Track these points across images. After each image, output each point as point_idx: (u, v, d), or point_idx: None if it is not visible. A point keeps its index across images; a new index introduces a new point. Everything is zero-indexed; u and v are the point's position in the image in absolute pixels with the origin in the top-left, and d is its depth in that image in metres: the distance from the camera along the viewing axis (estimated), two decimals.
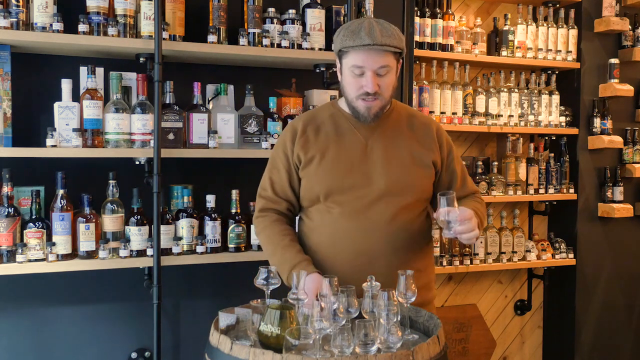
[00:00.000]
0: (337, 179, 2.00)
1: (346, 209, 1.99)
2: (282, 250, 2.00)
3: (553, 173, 3.67)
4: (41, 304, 2.64)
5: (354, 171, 2.01)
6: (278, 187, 2.09)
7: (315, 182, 2.02)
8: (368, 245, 1.97)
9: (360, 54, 1.91)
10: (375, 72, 1.93)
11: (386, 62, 1.93)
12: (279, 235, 2.04)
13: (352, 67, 1.94)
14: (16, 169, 2.41)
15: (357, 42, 1.90)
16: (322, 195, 2.01)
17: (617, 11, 3.71)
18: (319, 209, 2.04)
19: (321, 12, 2.81)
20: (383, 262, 1.97)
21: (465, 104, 3.47)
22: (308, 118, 2.12)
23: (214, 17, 2.65)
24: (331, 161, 2.02)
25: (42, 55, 2.60)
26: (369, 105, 1.97)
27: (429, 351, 1.56)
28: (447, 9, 3.46)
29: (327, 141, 2.05)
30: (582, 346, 3.78)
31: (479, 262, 3.49)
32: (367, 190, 2.00)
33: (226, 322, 1.74)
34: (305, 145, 2.05)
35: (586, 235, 3.78)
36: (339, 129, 2.07)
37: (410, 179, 2.03)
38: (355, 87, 1.96)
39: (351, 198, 1.99)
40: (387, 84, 1.97)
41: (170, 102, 2.58)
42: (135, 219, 2.51)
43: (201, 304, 2.88)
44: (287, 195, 2.09)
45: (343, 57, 1.97)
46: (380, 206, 1.99)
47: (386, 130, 2.07)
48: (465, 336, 3.72)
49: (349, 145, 2.04)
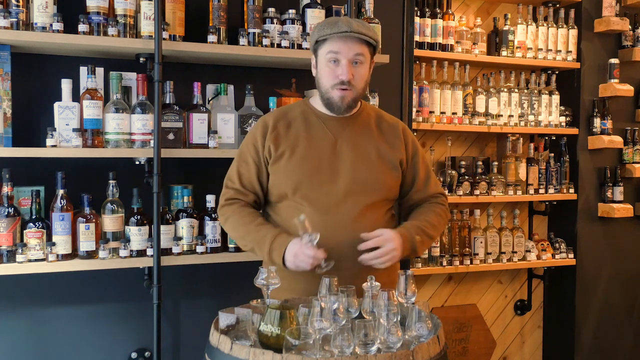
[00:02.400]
0: (306, 175, 2.04)
1: (315, 206, 2.03)
2: (257, 227, 2.04)
3: (553, 173, 3.67)
4: (41, 304, 2.64)
5: (323, 168, 2.05)
6: (246, 180, 2.13)
7: (285, 178, 2.06)
8: (335, 241, 1.99)
9: (337, 41, 2.00)
10: (351, 62, 2.00)
11: (362, 50, 2.02)
12: (250, 216, 2.09)
13: (328, 54, 2.01)
14: (16, 169, 2.41)
15: (334, 29, 1.99)
16: (291, 190, 2.05)
17: (617, 11, 3.71)
18: (287, 204, 2.08)
19: (321, 12, 2.81)
20: (350, 258, 1.99)
21: (465, 104, 3.47)
22: (279, 114, 2.17)
23: (214, 17, 2.65)
24: (301, 157, 2.06)
25: (42, 55, 2.60)
26: (343, 95, 2.03)
27: (429, 351, 1.56)
28: (447, 9, 3.46)
29: (298, 137, 2.09)
30: (582, 346, 3.78)
31: (479, 262, 3.49)
32: (335, 187, 2.04)
33: (226, 322, 1.74)
34: (277, 140, 2.09)
35: (586, 235, 3.78)
36: (309, 126, 2.11)
37: (377, 177, 2.08)
38: (331, 76, 2.02)
39: (319, 195, 2.03)
40: (361, 75, 2.04)
41: (170, 102, 2.58)
42: (135, 219, 2.51)
43: (201, 304, 2.88)
44: (255, 188, 2.13)
45: (319, 47, 2.05)
46: (347, 203, 2.03)
47: (355, 129, 2.11)
48: (465, 336, 3.72)
49: (319, 142, 2.08)
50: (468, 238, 3.52)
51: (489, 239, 3.54)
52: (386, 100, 3.03)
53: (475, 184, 3.47)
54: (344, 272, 1.92)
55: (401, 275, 1.75)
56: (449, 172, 3.43)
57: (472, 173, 3.54)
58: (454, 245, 3.47)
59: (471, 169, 3.57)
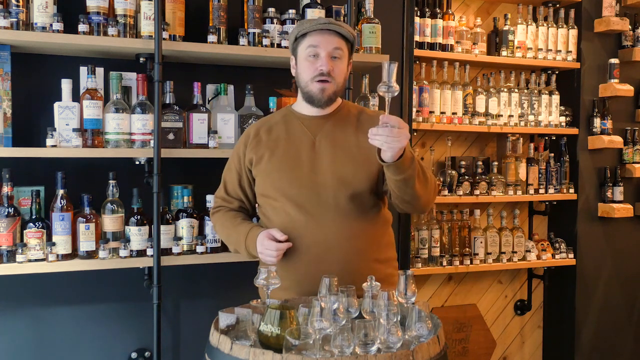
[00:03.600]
0: (285, 173, 2.08)
1: (296, 201, 2.06)
2: (236, 228, 2.13)
3: (553, 173, 3.67)
4: (41, 304, 2.64)
5: (302, 165, 2.08)
6: (230, 187, 2.23)
7: (265, 178, 2.12)
8: (321, 235, 2.02)
9: (316, 36, 2.05)
10: (330, 55, 2.05)
11: (340, 45, 2.07)
12: (231, 219, 2.19)
13: (308, 49, 2.06)
14: (16, 169, 2.41)
15: (313, 24, 2.06)
16: (272, 189, 2.10)
17: (617, 11, 3.71)
18: (271, 204, 2.12)
19: (321, 12, 2.81)
20: (338, 251, 2.02)
21: (465, 104, 3.47)
22: (262, 122, 2.26)
23: (214, 17, 2.65)
24: (280, 157, 2.11)
25: (42, 55, 2.60)
26: (323, 87, 2.06)
27: (429, 351, 1.56)
28: (447, 9, 3.46)
29: (278, 140, 2.14)
30: (582, 346, 3.78)
31: (479, 262, 3.49)
32: (315, 182, 2.06)
33: (226, 322, 1.74)
34: (257, 146, 2.16)
35: (586, 235, 3.78)
36: (289, 127, 2.16)
37: (357, 169, 2.08)
38: (311, 70, 2.06)
39: (300, 191, 2.06)
40: (341, 69, 2.09)
41: (170, 102, 2.58)
42: (135, 219, 2.51)
43: (201, 304, 2.88)
44: (238, 195, 2.22)
45: (299, 44, 2.09)
46: (329, 197, 2.05)
47: (335, 126, 2.14)
48: (465, 336, 3.72)
49: (298, 142, 2.12)
50: (468, 238, 3.52)
51: (489, 239, 3.54)
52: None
53: (475, 184, 3.47)
54: (330, 266, 1.96)
55: (401, 275, 1.75)
56: (449, 172, 3.43)
57: (472, 173, 3.54)
58: (454, 245, 3.47)
59: (471, 169, 3.57)
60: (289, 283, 2.02)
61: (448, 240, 3.47)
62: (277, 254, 1.99)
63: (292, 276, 2.03)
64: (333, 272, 1.82)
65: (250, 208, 2.26)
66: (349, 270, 1.95)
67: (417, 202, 2.02)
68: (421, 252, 3.37)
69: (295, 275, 2.03)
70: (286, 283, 2.00)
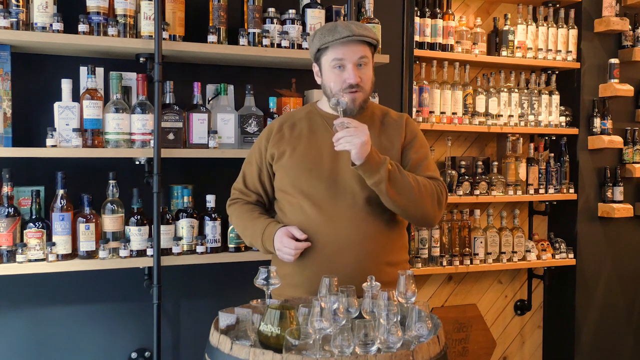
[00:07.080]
0: (304, 171, 2.08)
1: (313, 200, 2.05)
2: (252, 222, 2.13)
3: (553, 173, 3.67)
4: (41, 304, 2.64)
5: (322, 164, 2.08)
6: (249, 180, 2.23)
7: (285, 174, 2.12)
8: (336, 235, 2.02)
9: (339, 48, 2.02)
10: (356, 64, 2.03)
11: (364, 52, 2.05)
12: (248, 212, 2.18)
13: (332, 62, 2.03)
14: (16, 169, 2.41)
15: (335, 36, 2.01)
16: (290, 186, 2.10)
17: (617, 11, 3.71)
18: (289, 200, 2.12)
19: (321, 12, 2.81)
20: (350, 253, 2.02)
21: (465, 104, 3.47)
22: (286, 117, 2.25)
23: (214, 17, 2.65)
24: (301, 154, 2.10)
25: (42, 55, 2.60)
26: (354, 97, 2.05)
27: (429, 351, 1.56)
28: (447, 9, 3.46)
29: (300, 137, 2.14)
30: (582, 346, 3.78)
31: (479, 262, 3.49)
32: (334, 182, 2.06)
33: (226, 322, 1.74)
34: (280, 141, 2.15)
35: (586, 235, 3.78)
36: (312, 126, 2.15)
37: None
38: (339, 82, 2.04)
39: (318, 190, 2.06)
40: (367, 76, 2.07)
41: (170, 102, 2.58)
42: (135, 219, 2.51)
43: (201, 304, 2.88)
44: (257, 188, 2.21)
45: (322, 55, 2.07)
46: (346, 198, 2.05)
47: None
48: (465, 336, 3.72)
49: (320, 140, 2.11)
50: (468, 238, 3.52)
51: (489, 239, 3.54)
52: (386, 100, 3.03)
53: (475, 184, 3.47)
54: (342, 267, 1.96)
55: (401, 275, 1.75)
56: (449, 172, 3.43)
57: (472, 173, 3.54)
58: (454, 245, 3.47)
59: (471, 169, 3.57)
60: (299, 280, 2.03)
61: (448, 240, 3.46)
62: (295, 253, 1.99)
63: (304, 273, 2.03)
64: (344, 273, 1.82)
65: (267, 202, 2.25)
66: (360, 272, 1.93)
67: (403, 212, 2.03)
68: (421, 252, 3.37)
69: (307, 273, 2.03)
70: (296, 280, 2.02)
